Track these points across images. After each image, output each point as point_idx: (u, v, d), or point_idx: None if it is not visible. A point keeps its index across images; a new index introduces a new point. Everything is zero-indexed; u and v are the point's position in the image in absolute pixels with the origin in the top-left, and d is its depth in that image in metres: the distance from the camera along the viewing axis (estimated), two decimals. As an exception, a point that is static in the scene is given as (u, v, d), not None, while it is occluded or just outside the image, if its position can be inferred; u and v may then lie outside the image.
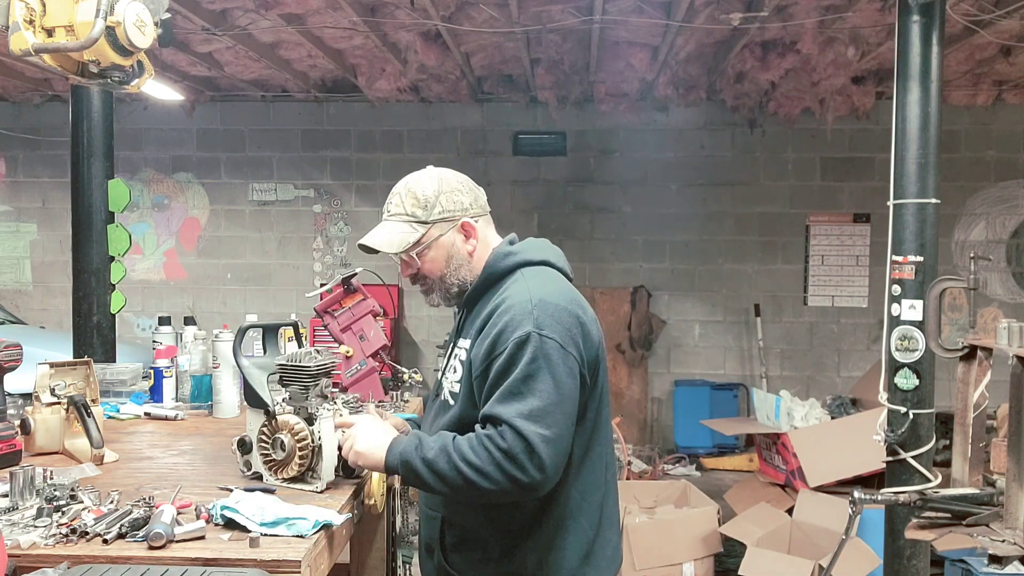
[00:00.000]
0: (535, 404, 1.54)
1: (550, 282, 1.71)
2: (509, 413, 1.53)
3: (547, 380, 1.55)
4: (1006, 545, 1.90)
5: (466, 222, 1.76)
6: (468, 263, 1.77)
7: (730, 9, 4.77)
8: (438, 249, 1.75)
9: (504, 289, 1.70)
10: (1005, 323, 1.96)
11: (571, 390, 1.58)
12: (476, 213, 1.78)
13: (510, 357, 1.58)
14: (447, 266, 1.76)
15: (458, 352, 1.75)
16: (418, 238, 1.73)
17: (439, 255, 1.75)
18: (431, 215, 1.74)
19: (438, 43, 5.66)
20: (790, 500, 4.29)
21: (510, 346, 1.58)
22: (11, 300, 7.60)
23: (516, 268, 1.74)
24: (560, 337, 1.59)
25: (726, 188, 7.31)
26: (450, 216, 1.75)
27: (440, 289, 1.79)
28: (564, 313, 1.62)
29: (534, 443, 1.51)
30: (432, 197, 1.75)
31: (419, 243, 1.74)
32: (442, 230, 1.75)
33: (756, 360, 7.27)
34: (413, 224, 1.74)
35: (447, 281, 1.77)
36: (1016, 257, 7.20)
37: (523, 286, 1.67)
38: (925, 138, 3.26)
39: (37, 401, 2.14)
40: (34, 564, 1.37)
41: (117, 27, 1.84)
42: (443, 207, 1.74)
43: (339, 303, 2.86)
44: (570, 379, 1.58)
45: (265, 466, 1.86)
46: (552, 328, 1.59)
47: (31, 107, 7.60)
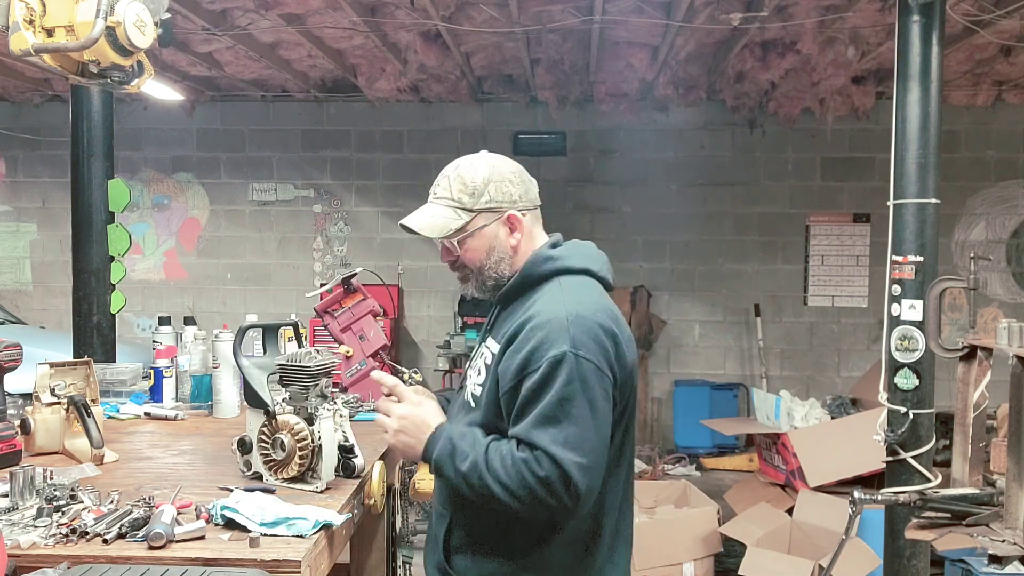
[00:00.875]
0: (571, 430, 1.48)
1: (588, 295, 1.63)
2: (544, 440, 1.48)
3: (583, 405, 1.50)
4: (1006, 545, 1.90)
5: (512, 215, 1.68)
6: (510, 257, 1.69)
7: (730, 9, 4.77)
8: (481, 239, 1.67)
9: (539, 297, 1.63)
10: (1005, 323, 1.96)
11: (606, 414, 1.54)
12: (524, 206, 1.70)
13: (544, 377, 1.51)
14: (488, 258, 1.68)
15: (484, 352, 1.70)
16: (461, 225, 1.66)
17: (481, 245, 1.68)
18: (478, 203, 1.67)
19: (438, 43, 5.66)
20: (790, 500, 4.29)
21: (544, 365, 1.51)
22: (11, 300, 7.60)
23: (554, 275, 1.67)
24: (596, 358, 1.53)
25: (726, 188, 7.31)
26: (497, 206, 1.67)
27: (477, 280, 1.71)
28: (601, 331, 1.55)
29: (571, 472, 1.47)
30: (481, 184, 1.68)
31: (462, 230, 1.66)
32: (487, 220, 1.67)
33: (756, 360, 7.27)
34: (458, 210, 1.67)
35: (485, 273, 1.70)
36: (1016, 257, 7.20)
37: (559, 298, 1.60)
38: (925, 138, 3.26)
39: (37, 401, 2.14)
40: (34, 564, 1.37)
41: (117, 27, 1.84)
42: (491, 196, 1.67)
43: (339, 303, 2.86)
44: (605, 402, 1.53)
45: (265, 466, 1.86)
46: (589, 348, 1.52)
47: (31, 107, 7.60)
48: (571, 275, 1.67)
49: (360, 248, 7.57)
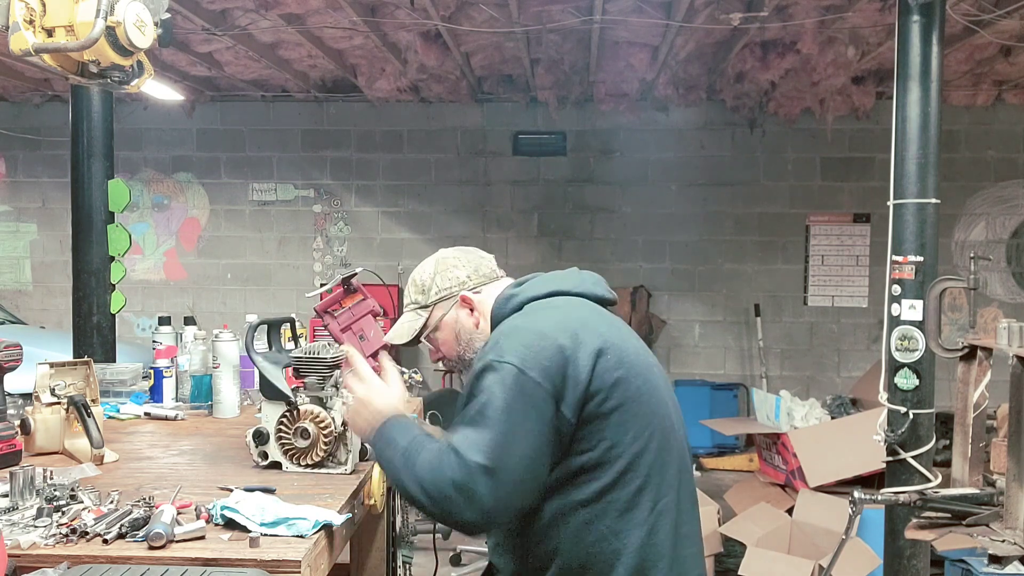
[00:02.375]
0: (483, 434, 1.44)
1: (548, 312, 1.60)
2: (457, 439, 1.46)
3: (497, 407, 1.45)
4: (1006, 545, 1.90)
5: (464, 295, 1.72)
6: (478, 335, 1.71)
7: (730, 9, 4.77)
8: (445, 329, 1.74)
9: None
10: (1005, 323, 1.96)
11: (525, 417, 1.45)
12: (477, 283, 1.74)
13: (471, 387, 1.53)
14: (458, 343, 1.74)
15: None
16: (423, 323, 1.74)
17: (448, 335, 1.74)
18: (429, 298, 1.74)
19: (438, 43, 5.66)
20: (790, 500, 4.29)
21: (472, 377, 1.54)
22: (11, 300, 7.60)
23: (522, 306, 1.66)
24: (521, 362, 1.48)
25: (726, 188, 7.31)
26: (448, 294, 1.73)
27: (462, 366, 1.76)
28: (535, 337, 1.51)
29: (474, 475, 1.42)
30: (428, 280, 1.75)
31: (425, 327, 1.74)
32: (444, 309, 1.73)
33: (756, 360, 7.26)
34: (418, 311, 1.76)
35: (464, 357, 1.74)
36: (1016, 257, 7.20)
37: (509, 323, 1.61)
38: (925, 138, 3.26)
39: (37, 401, 2.14)
40: (34, 564, 1.37)
41: (117, 27, 1.84)
42: (439, 287, 1.73)
43: (339, 303, 2.85)
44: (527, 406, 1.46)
45: (285, 455, 1.94)
46: (513, 353, 1.49)
47: (31, 107, 7.60)
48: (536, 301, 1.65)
49: (360, 248, 7.57)
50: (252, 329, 2.10)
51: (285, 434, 1.94)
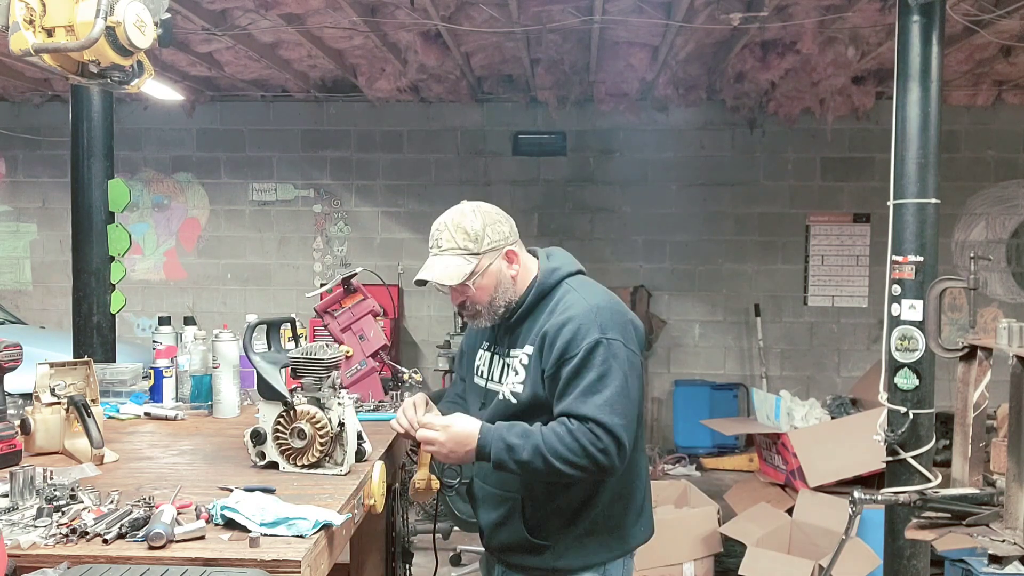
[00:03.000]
0: (612, 398, 1.79)
1: (594, 288, 1.98)
2: (591, 410, 1.78)
3: (618, 376, 1.82)
4: (1006, 545, 1.89)
5: (510, 250, 1.95)
6: (512, 286, 1.97)
7: (730, 9, 4.77)
8: (488, 277, 1.93)
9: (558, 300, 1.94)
10: (1005, 323, 1.96)
11: (635, 380, 1.86)
12: (514, 239, 1.98)
13: (583, 360, 1.82)
14: (495, 291, 1.95)
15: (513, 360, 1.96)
16: (473, 268, 1.91)
17: (489, 282, 1.94)
18: (482, 247, 1.91)
19: (438, 43, 5.66)
20: (790, 500, 4.29)
21: (582, 351, 1.82)
22: (11, 300, 7.60)
23: (561, 280, 1.98)
24: (623, 337, 1.86)
25: (726, 188, 7.31)
26: (497, 246, 1.93)
27: (488, 312, 1.97)
28: (620, 316, 1.91)
29: (619, 435, 1.78)
30: (480, 230, 1.92)
31: (474, 273, 1.91)
32: (491, 259, 1.93)
33: (756, 360, 7.27)
34: (467, 256, 1.91)
35: (495, 304, 1.96)
36: (1016, 257, 7.20)
37: (577, 296, 1.93)
38: (925, 138, 3.26)
39: (37, 401, 2.14)
40: (34, 564, 1.37)
41: (117, 27, 1.84)
42: (491, 238, 1.92)
43: (339, 303, 2.86)
44: (632, 372, 1.86)
45: (282, 455, 1.95)
46: (615, 331, 1.86)
47: (31, 107, 7.60)
48: (572, 277, 2.01)
49: (360, 248, 7.57)
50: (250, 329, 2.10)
51: (282, 434, 1.95)
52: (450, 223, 1.93)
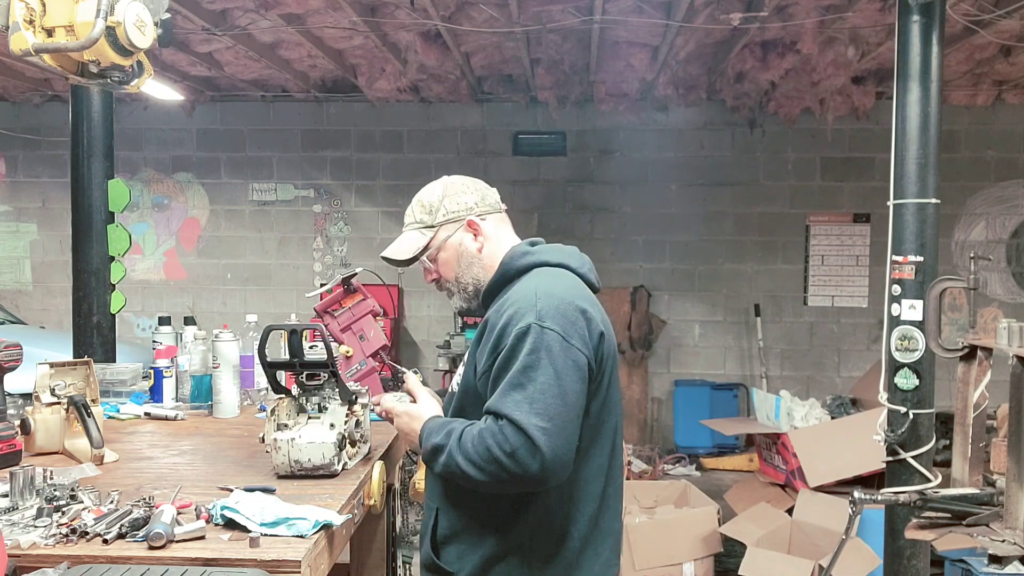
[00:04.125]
0: (534, 396, 1.53)
1: (561, 281, 1.70)
2: (508, 407, 1.53)
3: (548, 371, 1.54)
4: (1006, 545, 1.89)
5: (471, 220, 1.78)
6: (479, 260, 1.79)
7: (730, 9, 4.77)
8: (448, 250, 1.79)
9: (514, 287, 1.72)
10: (1005, 323, 1.96)
11: (574, 382, 1.56)
12: (483, 211, 1.81)
13: (511, 349, 1.58)
14: (458, 265, 1.80)
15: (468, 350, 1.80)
16: (426, 242, 1.79)
17: (450, 256, 1.80)
18: (436, 218, 1.79)
19: (438, 43, 5.66)
20: (790, 500, 4.29)
21: (511, 339, 1.58)
22: (11, 300, 7.60)
23: (531, 268, 1.75)
24: (562, 329, 1.58)
25: (726, 188, 7.31)
26: (455, 216, 1.79)
27: (458, 290, 1.82)
28: (568, 306, 1.61)
29: (534, 436, 1.50)
30: (436, 201, 1.80)
31: (428, 247, 1.79)
32: (449, 231, 1.79)
33: (756, 360, 7.27)
34: (422, 230, 1.80)
35: (462, 281, 1.81)
36: (1016, 257, 7.20)
37: (531, 283, 1.68)
38: (925, 138, 3.26)
39: (37, 401, 2.14)
40: (34, 564, 1.37)
41: (117, 27, 1.84)
42: (447, 209, 1.79)
43: (339, 303, 2.85)
44: (573, 372, 1.57)
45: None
46: (554, 320, 1.58)
47: (31, 107, 7.60)
48: (548, 267, 1.75)
49: (360, 248, 7.57)
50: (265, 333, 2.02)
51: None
52: (415, 198, 1.84)
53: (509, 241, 1.83)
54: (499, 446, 1.52)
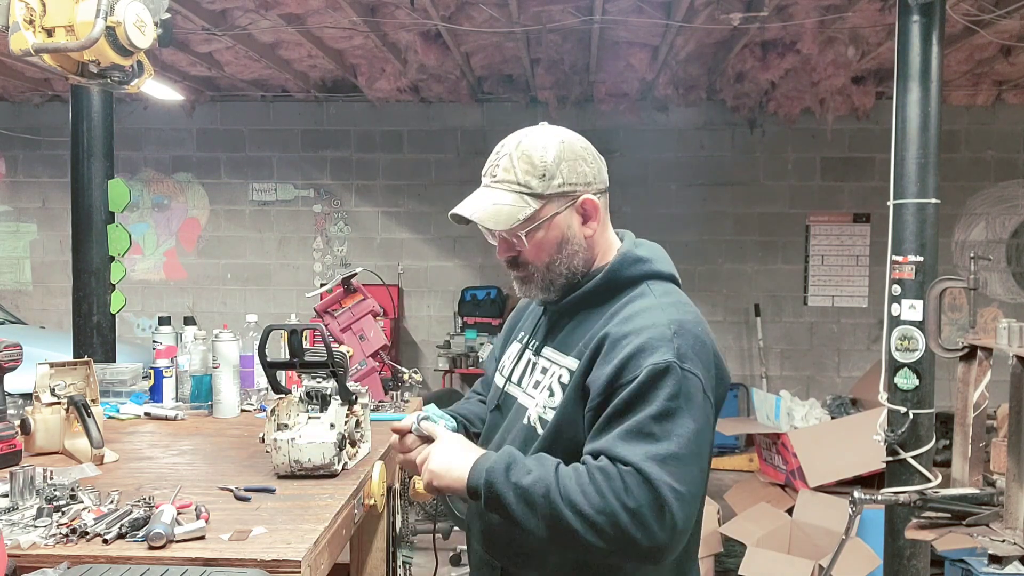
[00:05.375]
0: (672, 450, 1.22)
1: (684, 304, 1.41)
2: (637, 455, 1.22)
3: (688, 425, 1.25)
4: (1006, 545, 1.90)
5: (588, 199, 1.45)
6: (584, 250, 1.46)
7: (730, 9, 4.77)
8: (551, 230, 1.42)
9: (628, 302, 1.41)
10: (1005, 323, 1.96)
11: (709, 441, 1.30)
12: (599, 188, 1.48)
13: (642, 387, 1.26)
14: (558, 252, 1.44)
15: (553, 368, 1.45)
16: (531, 214, 1.40)
17: (551, 237, 1.43)
18: (549, 187, 1.41)
19: (438, 43, 5.66)
20: (790, 500, 4.29)
21: (643, 374, 1.27)
22: (11, 300, 7.60)
23: (643, 279, 1.46)
24: (703, 375, 1.30)
25: (726, 188, 7.31)
26: (571, 190, 1.43)
27: (543, 280, 1.46)
28: (704, 347, 1.33)
29: (666, 497, 1.20)
30: (553, 165, 1.41)
31: (531, 220, 1.41)
32: (559, 207, 1.42)
33: (756, 360, 7.26)
34: (526, 196, 1.40)
35: (554, 270, 1.45)
36: (1016, 257, 7.20)
37: (655, 303, 1.39)
38: (925, 138, 3.26)
39: (37, 401, 2.14)
40: (34, 564, 1.37)
41: (117, 27, 1.84)
42: (564, 178, 1.42)
43: (339, 303, 2.86)
44: (708, 428, 1.30)
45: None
46: (695, 363, 1.30)
47: (31, 107, 7.60)
48: (660, 280, 1.48)
49: (360, 248, 7.57)
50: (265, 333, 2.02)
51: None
52: (514, 146, 1.43)
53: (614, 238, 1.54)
54: (616, 496, 1.20)
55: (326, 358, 1.86)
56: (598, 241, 1.48)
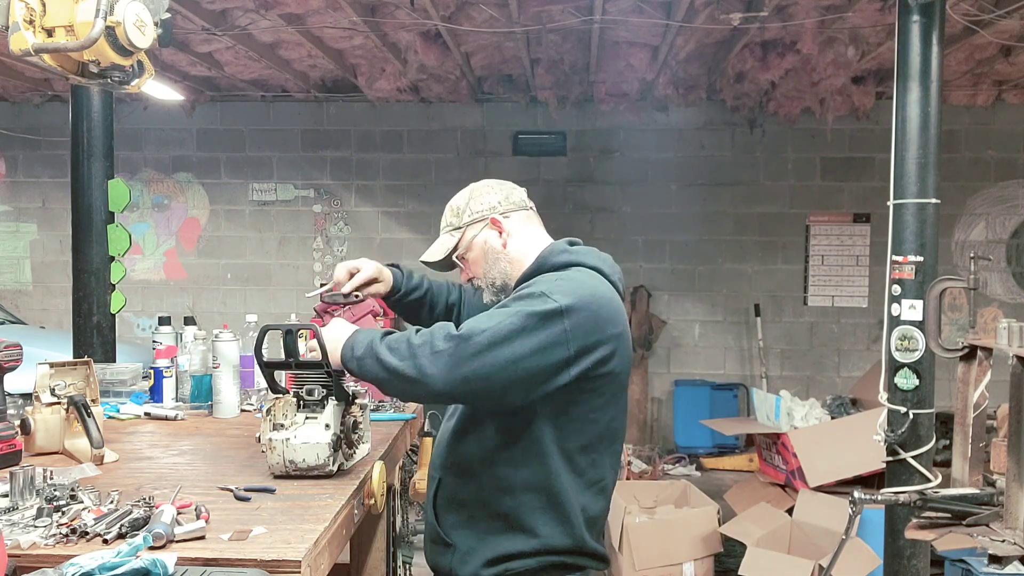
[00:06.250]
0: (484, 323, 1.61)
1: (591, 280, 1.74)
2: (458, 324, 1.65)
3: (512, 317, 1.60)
4: (1006, 545, 1.90)
5: (494, 218, 1.86)
6: (505, 256, 1.86)
7: (730, 9, 4.77)
8: (475, 249, 1.88)
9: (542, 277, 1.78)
10: (1005, 323, 1.96)
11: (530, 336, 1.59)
12: (507, 209, 1.88)
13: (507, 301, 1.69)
14: (485, 262, 1.87)
15: None
16: (455, 243, 1.89)
17: (478, 255, 1.88)
18: (463, 220, 1.89)
19: (438, 43, 5.66)
20: (790, 500, 4.29)
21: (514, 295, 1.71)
22: (11, 300, 7.60)
23: (567, 266, 1.79)
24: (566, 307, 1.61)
25: (726, 188, 7.31)
26: (480, 216, 1.87)
27: (486, 285, 1.89)
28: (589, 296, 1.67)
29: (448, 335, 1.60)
30: (463, 204, 1.90)
31: (457, 247, 1.89)
32: (476, 231, 1.88)
33: (756, 360, 7.27)
34: (451, 232, 1.91)
35: (489, 275, 1.88)
36: (1016, 257, 7.20)
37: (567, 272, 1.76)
38: (925, 138, 3.26)
39: (37, 401, 2.14)
40: (34, 564, 1.37)
41: (117, 27, 1.84)
42: (472, 210, 1.88)
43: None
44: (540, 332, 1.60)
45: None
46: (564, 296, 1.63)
47: (31, 107, 7.60)
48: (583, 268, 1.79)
49: (360, 248, 7.57)
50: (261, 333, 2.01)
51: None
52: (447, 205, 1.95)
53: (537, 237, 1.89)
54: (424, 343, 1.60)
55: (322, 358, 1.86)
56: (520, 247, 1.87)
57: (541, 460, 1.69)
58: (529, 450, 1.70)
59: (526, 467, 1.70)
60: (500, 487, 1.72)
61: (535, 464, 1.69)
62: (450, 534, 1.78)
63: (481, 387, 1.60)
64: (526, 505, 1.70)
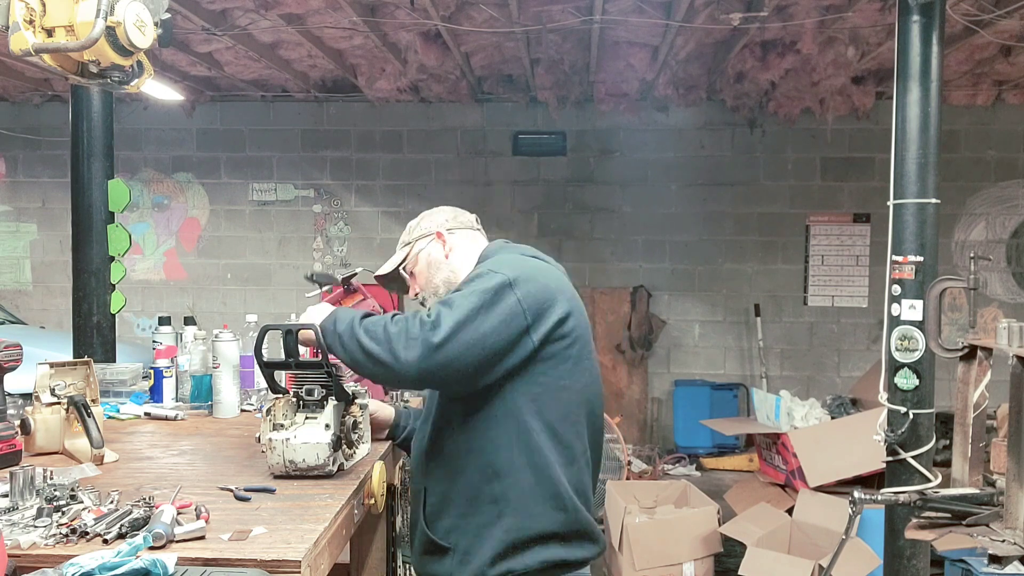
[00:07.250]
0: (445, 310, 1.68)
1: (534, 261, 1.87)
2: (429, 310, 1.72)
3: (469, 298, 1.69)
4: (1006, 545, 1.89)
5: (439, 232, 2.00)
6: (447, 265, 1.98)
7: (730, 9, 4.78)
8: (421, 262, 2.01)
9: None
10: (1005, 323, 1.96)
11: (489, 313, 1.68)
12: (453, 226, 2.02)
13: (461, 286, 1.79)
14: (429, 271, 2.00)
15: None
16: (404, 256, 2.03)
17: (423, 267, 2.01)
18: (412, 236, 2.04)
19: (438, 43, 5.66)
20: (790, 500, 4.29)
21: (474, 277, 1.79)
22: (11, 300, 7.60)
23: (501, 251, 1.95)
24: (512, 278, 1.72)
25: (726, 188, 7.31)
26: (428, 232, 2.02)
27: (430, 294, 1.99)
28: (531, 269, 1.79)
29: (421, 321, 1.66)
30: (415, 224, 2.07)
31: (405, 259, 2.03)
32: (422, 245, 2.02)
33: (756, 360, 7.27)
34: (402, 248, 2.06)
35: (432, 283, 1.99)
36: (1016, 257, 7.20)
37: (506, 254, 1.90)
38: (925, 138, 3.26)
39: (37, 401, 2.14)
40: (34, 564, 1.37)
41: (117, 27, 1.84)
42: (421, 228, 2.04)
43: (339, 303, 2.85)
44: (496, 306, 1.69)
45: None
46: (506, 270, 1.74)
47: (31, 107, 7.60)
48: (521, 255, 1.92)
49: (360, 248, 7.57)
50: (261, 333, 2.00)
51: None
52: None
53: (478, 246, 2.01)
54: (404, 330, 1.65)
55: (321, 358, 1.86)
56: (463, 259, 1.98)
57: (525, 438, 1.73)
58: (511, 429, 1.73)
59: (511, 447, 1.73)
60: (488, 474, 1.75)
61: (520, 443, 1.73)
62: (445, 538, 1.80)
63: (453, 370, 1.66)
64: (516, 486, 1.73)
